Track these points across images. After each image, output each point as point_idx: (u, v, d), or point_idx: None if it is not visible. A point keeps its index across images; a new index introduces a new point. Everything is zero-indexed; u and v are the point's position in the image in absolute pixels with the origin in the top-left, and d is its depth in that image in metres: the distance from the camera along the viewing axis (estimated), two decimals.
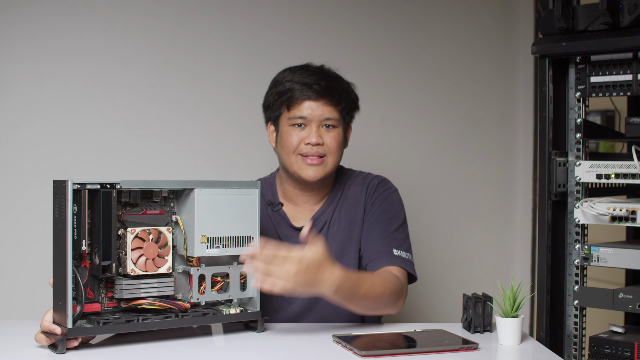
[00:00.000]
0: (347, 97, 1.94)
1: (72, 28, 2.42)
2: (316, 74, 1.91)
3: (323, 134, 1.89)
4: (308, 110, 1.88)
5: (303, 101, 1.89)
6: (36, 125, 2.39)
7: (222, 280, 1.68)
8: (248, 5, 2.63)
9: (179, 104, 2.55)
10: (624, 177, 1.73)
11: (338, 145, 1.91)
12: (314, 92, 1.88)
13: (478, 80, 2.97)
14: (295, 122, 1.89)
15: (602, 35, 1.72)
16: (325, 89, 1.89)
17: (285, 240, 1.95)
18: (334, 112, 1.90)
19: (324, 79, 1.91)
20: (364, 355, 1.50)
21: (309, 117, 1.88)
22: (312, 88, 1.88)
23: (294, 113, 1.89)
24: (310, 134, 1.88)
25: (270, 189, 2.01)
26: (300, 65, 1.96)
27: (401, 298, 1.82)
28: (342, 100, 1.92)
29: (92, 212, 1.52)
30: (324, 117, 1.89)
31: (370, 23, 2.80)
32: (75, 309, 1.50)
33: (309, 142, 1.88)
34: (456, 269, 2.95)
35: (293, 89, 1.89)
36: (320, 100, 1.89)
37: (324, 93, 1.89)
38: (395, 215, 1.95)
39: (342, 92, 1.93)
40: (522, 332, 1.67)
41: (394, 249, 1.89)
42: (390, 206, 1.96)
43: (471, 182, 2.97)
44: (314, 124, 1.89)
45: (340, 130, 1.92)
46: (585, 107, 1.84)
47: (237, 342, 1.63)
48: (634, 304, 1.71)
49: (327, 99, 1.89)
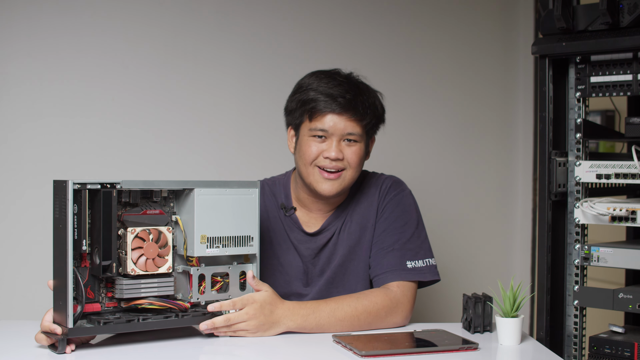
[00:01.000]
0: (372, 111, 1.87)
1: (72, 28, 2.42)
2: (343, 85, 1.84)
3: (344, 148, 1.84)
4: (330, 123, 1.82)
5: (326, 114, 1.82)
6: (36, 125, 2.39)
7: (221, 280, 1.68)
8: (248, 5, 2.63)
9: (179, 104, 2.55)
10: (624, 177, 1.73)
11: (359, 160, 1.86)
12: (338, 105, 1.81)
13: (478, 81, 2.97)
14: (316, 134, 1.84)
15: (602, 35, 1.72)
16: (350, 103, 1.82)
17: (297, 244, 1.93)
18: (357, 127, 1.84)
19: (350, 91, 1.83)
20: (364, 355, 1.50)
21: (330, 131, 1.83)
22: (337, 101, 1.81)
23: (315, 124, 1.83)
24: (330, 148, 1.83)
25: (284, 191, 1.98)
26: (328, 72, 1.89)
27: (395, 312, 1.80)
28: (366, 115, 1.85)
29: (92, 212, 1.52)
30: (346, 132, 1.83)
31: (370, 23, 2.80)
32: (75, 308, 1.50)
33: (328, 157, 1.82)
34: (456, 269, 2.95)
35: (317, 100, 1.83)
36: (344, 115, 1.82)
37: (349, 107, 1.82)
38: (408, 222, 1.91)
39: (368, 106, 1.86)
40: (522, 332, 1.67)
41: (408, 260, 1.86)
42: (403, 212, 1.92)
43: (471, 182, 2.97)
44: (335, 138, 1.83)
45: (362, 145, 1.87)
46: (585, 107, 1.84)
47: (237, 342, 1.63)
48: (634, 304, 1.71)
49: (351, 113, 1.83)
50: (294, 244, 1.93)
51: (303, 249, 1.93)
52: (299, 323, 1.69)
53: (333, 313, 1.72)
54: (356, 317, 1.74)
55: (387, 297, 1.79)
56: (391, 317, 1.79)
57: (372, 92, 1.91)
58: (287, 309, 1.69)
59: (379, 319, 1.77)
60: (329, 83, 1.84)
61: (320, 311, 1.72)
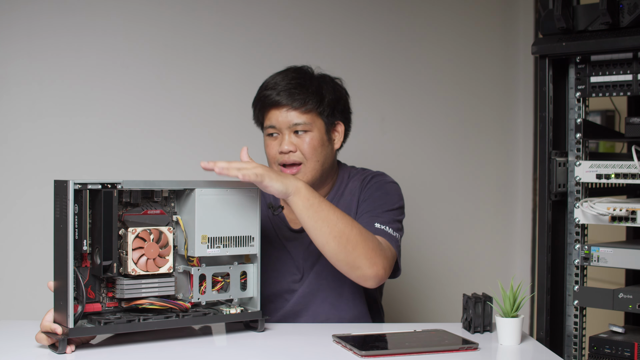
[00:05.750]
0: (317, 96, 1.86)
1: (72, 28, 2.42)
2: (282, 78, 1.87)
3: (296, 140, 1.85)
4: (275, 118, 1.85)
5: (269, 110, 1.86)
6: (36, 125, 2.39)
7: (222, 280, 1.68)
8: (248, 5, 2.63)
9: (179, 104, 2.56)
10: (624, 177, 1.74)
11: (313, 149, 1.85)
12: (274, 100, 1.84)
13: (478, 80, 2.97)
14: (268, 132, 1.88)
15: (602, 35, 1.72)
16: (287, 94, 1.84)
17: (286, 242, 1.95)
18: (302, 115, 1.84)
19: (285, 83, 1.85)
20: (364, 355, 1.50)
21: (278, 126, 1.85)
22: (271, 97, 1.85)
23: (266, 123, 1.88)
24: (283, 142, 1.85)
25: None
26: (276, 72, 1.92)
27: (380, 255, 1.72)
28: (308, 101, 1.85)
29: (93, 212, 1.52)
30: (293, 123, 1.84)
31: (370, 23, 2.80)
32: (76, 308, 1.50)
33: (281, 151, 1.84)
34: (456, 269, 2.96)
35: (260, 99, 1.88)
36: (284, 107, 1.84)
37: (286, 97, 1.84)
38: (387, 202, 1.88)
39: (310, 93, 1.85)
40: (522, 332, 1.67)
41: (377, 223, 1.81)
42: (384, 194, 1.90)
43: (471, 182, 2.97)
44: (285, 132, 1.85)
45: (315, 133, 1.86)
46: (585, 107, 1.84)
47: (238, 342, 1.64)
48: (634, 304, 1.72)
49: (289, 104, 1.84)
50: (283, 242, 1.94)
51: (292, 246, 1.94)
52: (309, 191, 1.67)
53: (334, 210, 1.69)
54: (350, 227, 1.68)
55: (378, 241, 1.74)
56: (374, 258, 1.70)
57: (317, 78, 1.91)
58: (298, 180, 1.68)
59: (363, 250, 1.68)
60: (272, 80, 1.88)
61: (324, 202, 1.69)
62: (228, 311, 1.67)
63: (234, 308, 1.68)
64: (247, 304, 1.72)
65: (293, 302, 1.91)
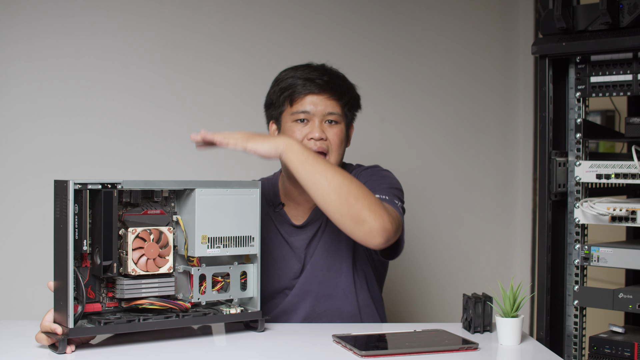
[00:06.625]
0: (349, 93, 1.94)
1: (72, 28, 2.42)
2: (318, 70, 1.92)
3: (326, 129, 1.88)
4: (311, 105, 1.88)
5: (306, 95, 1.88)
6: (36, 125, 2.40)
7: (222, 280, 1.68)
8: (248, 5, 2.63)
9: (179, 104, 2.56)
10: (624, 177, 1.74)
11: (340, 142, 1.90)
12: (317, 86, 1.88)
13: (478, 80, 2.97)
14: (298, 118, 1.88)
15: (602, 35, 1.72)
16: (328, 83, 1.89)
17: (288, 237, 1.95)
18: (337, 106, 1.90)
19: (326, 74, 1.91)
20: (364, 355, 1.50)
21: (311, 112, 1.88)
22: (315, 82, 1.88)
23: (296, 108, 1.88)
24: (314, 129, 1.87)
25: (273, 189, 2.01)
26: (302, 64, 1.96)
27: (384, 210, 1.67)
28: (344, 96, 1.92)
29: (93, 212, 1.52)
30: (327, 112, 1.88)
31: (370, 23, 2.80)
32: (76, 308, 1.50)
33: (312, 137, 1.86)
34: (456, 269, 2.96)
35: (295, 84, 1.89)
36: (323, 94, 1.88)
37: (327, 87, 1.89)
38: (384, 183, 1.88)
39: (345, 88, 1.93)
40: (522, 332, 1.67)
41: (376, 194, 1.79)
42: (382, 177, 1.91)
43: (471, 182, 2.97)
44: (317, 119, 1.88)
45: (342, 126, 1.91)
46: (585, 107, 1.84)
47: (238, 342, 1.64)
48: (634, 304, 1.72)
49: (330, 93, 1.89)
50: (284, 237, 1.95)
51: (294, 240, 1.95)
52: (301, 146, 1.68)
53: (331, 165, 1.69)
54: (349, 180, 1.66)
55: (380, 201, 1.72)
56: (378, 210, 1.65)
57: (346, 78, 1.98)
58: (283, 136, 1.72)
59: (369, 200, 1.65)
60: (304, 70, 1.92)
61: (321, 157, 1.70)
62: (228, 311, 1.67)
63: (234, 308, 1.68)
64: (247, 304, 1.72)
65: (291, 295, 1.92)
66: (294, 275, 1.94)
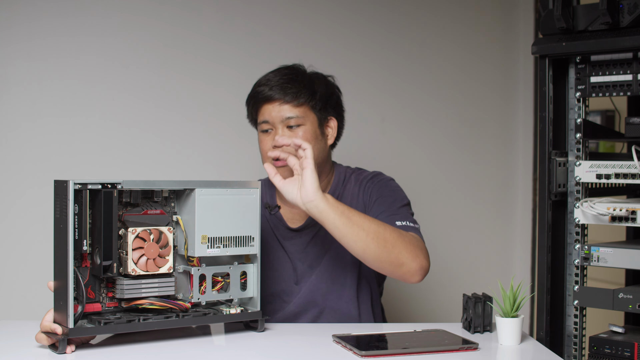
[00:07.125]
0: (309, 90, 1.87)
1: (72, 28, 2.42)
2: (274, 75, 1.88)
3: (290, 135, 1.84)
4: (268, 113, 1.86)
5: (262, 105, 1.87)
6: (36, 125, 2.40)
7: (222, 280, 1.68)
8: (248, 5, 2.63)
9: (179, 104, 2.56)
10: (624, 177, 1.74)
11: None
12: (267, 94, 1.85)
13: (478, 80, 2.97)
14: (262, 129, 1.88)
15: (602, 35, 1.72)
16: (280, 88, 1.85)
17: (283, 241, 1.95)
18: (294, 109, 1.85)
19: (277, 79, 1.86)
20: (364, 355, 1.50)
21: (271, 120, 1.86)
22: (264, 91, 1.86)
23: (259, 119, 1.88)
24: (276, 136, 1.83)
25: (269, 191, 2.00)
26: (272, 70, 1.93)
27: (418, 247, 1.73)
28: (301, 95, 1.85)
29: (93, 212, 1.52)
30: (285, 117, 1.84)
31: (370, 23, 2.80)
32: (76, 308, 1.50)
33: (275, 144, 1.80)
34: (456, 269, 2.96)
35: (254, 95, 1.89)
36: (276, 101, 1.85)
37: (278, 92, 1.85)
38: (396, 199, 1.90)
39: (302, 86, 1.86)
40: (522, 332, 1.67)
41: (397, 221, 1.81)
42: (391, 192, 1.91)
43: (471, 182, 2.97)
44: (279, 127, 1.85)
45: (308, 127, 1.86)
46: (585, 107, 1.84)
47: (237, 342, 1.64)
48: (634, 304, 1.72)
49: (282, 98, 1.85)
50: (279, 240, 1.95)
51: (289, 245, 1.94)
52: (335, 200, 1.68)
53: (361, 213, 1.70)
54: (383, 227, 1.69)
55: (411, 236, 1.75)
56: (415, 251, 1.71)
57: (309, 74, 1.92)
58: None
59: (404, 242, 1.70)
60: (263, 78, 1.90)
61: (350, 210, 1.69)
62: (228, 311, 1.67)
63: (234, 308, 1.68)
64: (247, 304, 1.72)
65: (293, 305, 1.91)
66: (292, 281, 1.93)
